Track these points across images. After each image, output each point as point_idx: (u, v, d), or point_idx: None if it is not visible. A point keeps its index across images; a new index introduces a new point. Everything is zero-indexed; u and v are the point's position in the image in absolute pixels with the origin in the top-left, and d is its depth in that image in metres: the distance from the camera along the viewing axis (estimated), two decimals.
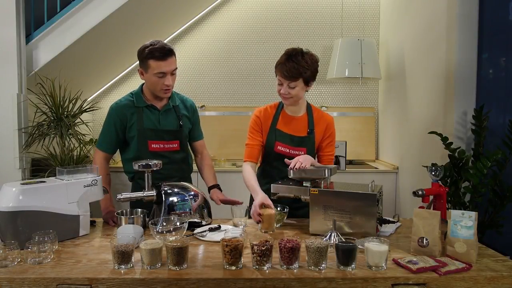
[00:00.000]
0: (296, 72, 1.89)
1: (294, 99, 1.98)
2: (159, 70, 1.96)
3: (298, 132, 2.06)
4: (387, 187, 3.52)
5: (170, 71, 1.99)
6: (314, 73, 1.96)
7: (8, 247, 1.41)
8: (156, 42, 1.99)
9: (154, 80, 1.99)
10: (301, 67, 1.89)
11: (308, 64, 1.91)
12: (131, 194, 1.86)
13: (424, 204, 1.94)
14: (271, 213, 1.73)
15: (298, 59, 1.90)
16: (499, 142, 2.23)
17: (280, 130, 2.07)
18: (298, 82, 1.92)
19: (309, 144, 2.06)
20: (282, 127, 2.07)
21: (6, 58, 2.98)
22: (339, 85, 4.20)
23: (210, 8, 4.10)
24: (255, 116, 2.10)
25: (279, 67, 1.93)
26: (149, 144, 2.06)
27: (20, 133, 3.02)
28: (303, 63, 1.89)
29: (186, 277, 1.32)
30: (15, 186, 1.58)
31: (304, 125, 2.07)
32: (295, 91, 1.94)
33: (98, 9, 3.14)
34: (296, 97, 1.98)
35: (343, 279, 1.32)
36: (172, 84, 2.03)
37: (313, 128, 2.06)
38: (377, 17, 4.15)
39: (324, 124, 2.08)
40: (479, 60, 2.55)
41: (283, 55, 1.95)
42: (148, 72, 1.99)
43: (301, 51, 1.93)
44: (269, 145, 2.07)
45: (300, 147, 2.05)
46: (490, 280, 1.35)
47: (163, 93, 2.04)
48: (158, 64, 1.95)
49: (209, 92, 4.15)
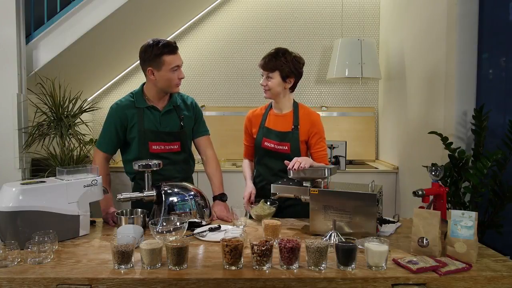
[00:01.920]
0: (272, 64, 2.05)
1: (271, 92, 2.10)
2: (175, 64, 2.00)
3: (283, 128, 2.16)
4: (387, 187, 3.52)
5: (181, 64, 2.05)
6: (293, 71, 2.08)
7: (8, 247, 1.41)
8: (158, 39, 2.01)
9: (169, 76, 2.00)
10: (278, 61, 2.05)
11: (287, 60, 2.06)
12: (131, 194, 1.86)
13: (424, 204, 1.94)
14: (277, 224, 1.71)
15: (279, 54, 2.06)
16: (499, 142, 2.23)
17: (267, 127, 2.19)
18: (275, 75, 2.06)
19: (292, 139, 2.13)
20: (269, 125, 2.19)
21: (6, 58, 2.98)
22: (339, 85, 4.20)
23: (210, 8, 4.10)
24: (246, 118, 2.29)
25: (262, 58, 2.10)
26: (150, 146, 2.05)
27: (20, 133, 3.02)
28: (282, 58, 2.05)
29: (186, 277, 1.32)
30: (15, 186, 1.58)
31: (289, 121, 2.16)
32: (272, 83, 2.07)
33: (98, 9, 3.14)
34: (273, 90, 2.09)
35: (343, 279, 1.32)
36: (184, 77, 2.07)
37: (298, 125, 2.14)
38: (377, 17, 4.15)
39: (309, 121, 2.15)
40: (479, 60, 2.55)
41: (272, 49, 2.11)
42: (162, 69, 1.99)
43: (286, 50, 2.09)
44: (258, 142, 2.20)
45: (284, 142, 2.14)
46: (490, 280, 1.35)
47: (176, 88, 2.07)
48: (172, 58, 1.99)
49: (209, 92, 4.15)
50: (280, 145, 2.14)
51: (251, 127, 2.25)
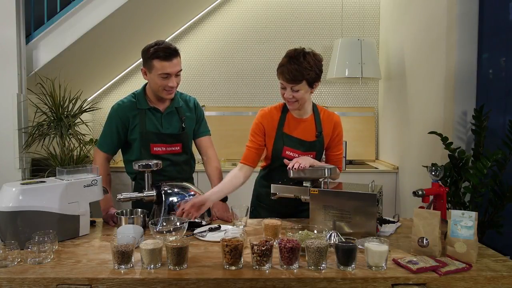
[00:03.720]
0: (298, 75, 1.79)
1: (299, 102, 1.88)
2: (163, 71, 1.92)
3: (307, 136, 1.98)
4: (387, 187, 3.52)
5: (174, 73, 1.95)
6: (318, 74, 1.86)
7: (8, 247, 1.41)
8: (161, 42, 1.95)
9: (157, 81, 1.95)
10: (304, 69, 1.79)
11: (311, 65, 1.81)
12: (131, 194, 1.86)
13: (424, 204, 1.94)
14: (277, 224, 1.70)
15: (300, 60, 1.80)
16: (499, 142, 2.23)
17: (287, 134, 1.98)
18: (302, 85, 1.82)
19: (318, 147, 1.99)
20: (290, 131, 1.98)
21: (6, 58, 2.98)
22: (339, 85, 4.20)
23: (210, 8, 4.10)
24: (258, 121, 2.00)
25: (280, 69, 1.84)
26: (151, 147, 2.05)
27: (20, 133, 3.02)
28: (305, 64, 1.79)
29: (186, 277, 1.32)
30: (15, 186, 1.58)
31: (312, 127, 1.99)
32: (300, 94, 1.84)
33: (98, 9, 3.14)
34: (301, 101, 1.88)
35: (343, 279, 1.32)
36: (176, 86, 2.00)
37: (322, 131, 1.99)
38: (377, 17, 4.15)
39: (331, 124, 2.01)
40: (479, 60, 2.54)
41: (284, 57, 1.85)
42: (151, 72, 1.95)
43: (303, 52, 1.83)
44: (276, 150, 1.98)
45: (309, 152, 1.98)
46: (490, 280, 1.35)
47: (165, 94, 2.00)
48: (162, 64, 1.91)
49: (210, 92, 4.15)
50: (305, 154, 1.94)
51: (264, 130, 1.99)
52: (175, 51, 1.94)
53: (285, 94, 1.87)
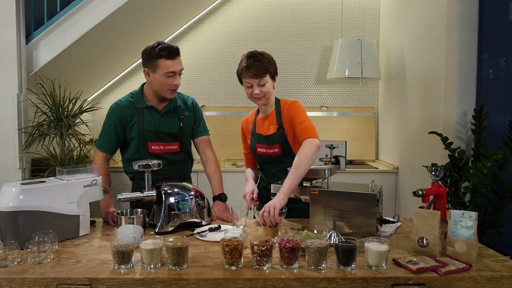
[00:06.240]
0: (262, 69, 1.97)
1: (267, 96, 2.03)
2: (169, 70, 1.96)
3: (269, 131, 2.09)
4: (387, 187, 3.52)
5: (179, 71, 2.00)
6: (276, 68, 2.06)
7: (8, 247, 1.41)
8: (162, 42, 1.99)
9: (162, 80, 1.97)
10: (265, 64, 1.98)
11: (269, 60, 2.01)
12: (131, 194, 1.86)
13: (424, 204, 1.94)
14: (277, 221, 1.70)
15: (259, 57, 1.98)
16: (499, 142, 2.23)
17: (257, 133, 2.14)
18: (266, 78, 1.99)
19: (280, 139, 2.04)
20: (259, 130, 2.14)
21: (6, 58, 2.98)
22: (339, 85, 4.20)
23: (210, 8, 4.10)
24: (240, 128, 2.25)
25: (244, 70, 1.97)
26: (149, 146, 2.06)
27: (20, 133, 3.02)
28: (264, 60, 1.99)
29: (186, 277, 1.32)
30: (15, 186, 1.58)
31: (274, 121, 2.09)
32: (266, 88, 2.00)
33: (98, 9, 3.14)
34: (268, 94, 2.03)
35: (343, 279, 1.32)
36: (179, 85, 2.03)
37: (281, 122, 2.05)
38: (377, 17, 4.15)
39: (285, 110, 2.05)
40: (479, 60, 2.54)
41: (243, 60, 2.00)
42: (156, 72, 1.97)
43: (257, 52, 2.02)
44: (253, 149, 2.16)
45: (273, 145, 2.06)
46: (490, 280, 1.35)
47: (169, 93, 2.03)
48: (168, 63, 1.95)
49: (210, 92, 4.16)
50: (270, 148, 2.07)
51: (244, 136, 2.24)
52: (177, 50, 2.00)
53: (253, 92, 2.01)
